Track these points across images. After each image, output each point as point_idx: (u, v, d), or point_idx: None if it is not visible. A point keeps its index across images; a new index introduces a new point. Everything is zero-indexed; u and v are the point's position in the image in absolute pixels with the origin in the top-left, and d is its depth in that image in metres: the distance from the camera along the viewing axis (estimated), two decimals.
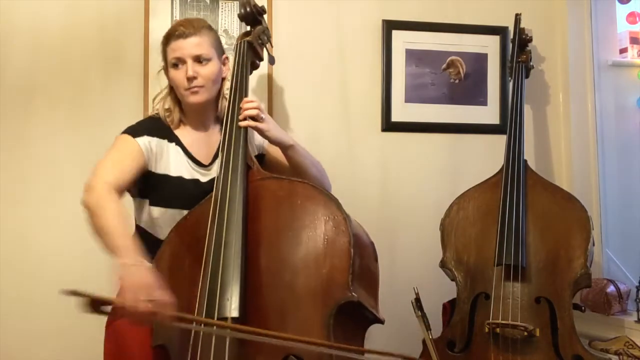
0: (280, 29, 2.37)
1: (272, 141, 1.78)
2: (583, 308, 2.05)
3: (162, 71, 1.81)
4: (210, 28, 1.78)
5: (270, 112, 2.31)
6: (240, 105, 1.70)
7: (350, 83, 2.47)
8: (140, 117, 2.22)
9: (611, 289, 2.32)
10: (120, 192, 1.59)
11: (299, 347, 1.36)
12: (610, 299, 2.30)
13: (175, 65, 1.72)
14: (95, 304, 1.24)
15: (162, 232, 1.71)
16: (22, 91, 2.22)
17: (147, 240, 1.75)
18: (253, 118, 1.70)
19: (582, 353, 1.91)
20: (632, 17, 2.68)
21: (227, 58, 1.83)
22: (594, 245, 2.03)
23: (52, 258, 2.21)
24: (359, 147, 2.46)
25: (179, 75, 1.72)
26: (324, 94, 2.44)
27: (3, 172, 2.20)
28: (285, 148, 1.80)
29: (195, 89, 1.71)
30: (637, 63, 2.65)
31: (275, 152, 1.87)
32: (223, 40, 2.31)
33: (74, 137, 2.25)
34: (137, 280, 1.32)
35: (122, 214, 1.49)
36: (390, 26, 2.47)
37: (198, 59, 1.71)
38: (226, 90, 1.81)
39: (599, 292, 2.32)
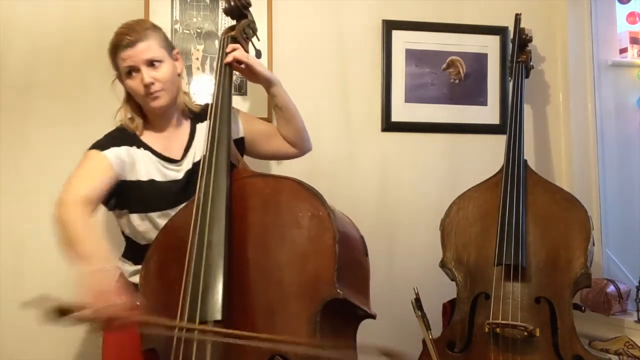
0: (280, 29, 2.37)
1: (261, 78, 1.80)
2: (583, 308, 2.05)
3: (117, 80, 1.79)
4: (154, 28, 1.74)
5: (269, 113, 2.31)
6: (227, 51, 1.74)
7: (350, 83, 2.47)
8: None
9: (611, 289, 2.32)
10: (91, 205, 1.59)
11: (280, 347, 1.35)
12: (610, 299, 2.30)
13: (129, 74, 1.70)
14: (58, 312, 1.26)
15: (147, 237, 1.72)
16: (22, 91, 2.22)
17: (136, 248, 1.76)
18: (238, 60, 1.74)
19: (582, 353, 1.91)
20: (632, 17, 2.68)
21: (178, 53, 1.82)
22: (594, 245, 2.02)
23: (52, 257, 2.20)
24: (359, 147, 2.47)
25: (135, 83, 1.70)
26: (324, 94, 2.44)
27: (2, 171, 2.20)
28: (271, 84, 1.82)
29: (156, 94, 1.70)
30: (637, 63, 2.65)
31: (254, 129, 1.89)
32: None
33: (73, 137, 2.24)
34: (97, 287, 1.34)
35: (92, 225, 1.51)
36: (390, 26, 2.48)
37: (151, 63, 1.69)
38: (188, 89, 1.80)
39: (599, 292, 2.32)
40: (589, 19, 2.61)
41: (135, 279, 1.73)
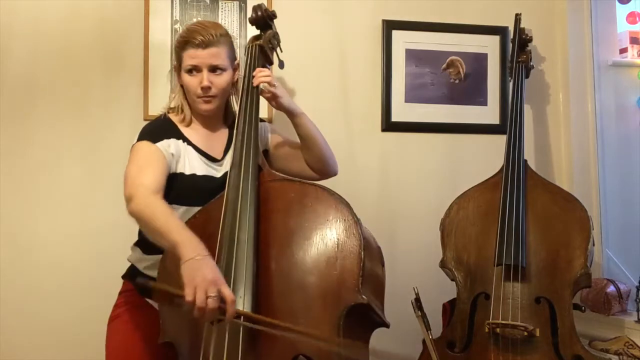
0: (280, 29, 2.34)
1: (284, 108, 1.81)
2: (583, 308, 2.05)
3: (173, 70, 1.82)
4: (227, 35, 1.78)
5: (270, 113, 2.32)
6: (253, 74, 1.75)
7: (350, 83, 2.47)
8: (141, 116, 2.24)
9: (611, 289, 2.32)
10: (160, 194, 1.59)
11: (311, 343, 1.38)
12: (610, 299, 2.30)
13: (190, 71, 1.73)
14: (166, 297, 1.30)
15: None
16: (23, 92, 2.22)
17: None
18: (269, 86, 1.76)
19: (582, 353, 1.91)
20: (632, 17, 2.68)
21: (238, 64, 1.84)
22: (594, 245, 2.02)
23: (54, 258, 2.21)
24: (359, 147, 2.47)
25: (193, 81, 1.73)
26: (324, 94, 2.44)
27: (4, 172, 2.20)
28: (294, 116, 1.83)
29: (208, 99, 1.74)
30: (637, 63, 2.65)
31: (279, 146, 1.90)
32: None
33: (74, 137, 2.25)
34: (203, 275, 1.32)
35: (170, 211, 1.50)
36: (390, 26, 2.48)
37: (214, 69, 1.73)
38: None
39: (599, 292, 2.32)
40: (589, 19, 2.61)
41: (147, 270, 1.73)
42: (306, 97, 2.41)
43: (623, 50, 2.65)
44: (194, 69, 1.72)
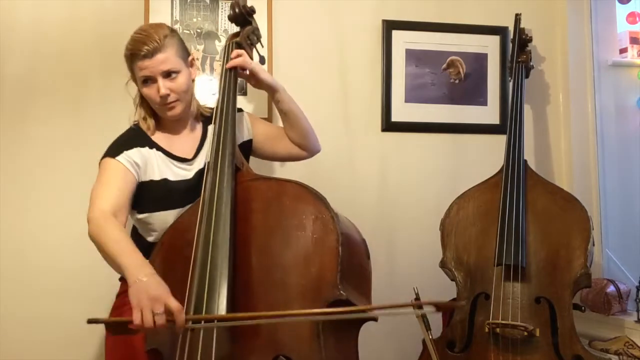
0: (280, 29, 2.37)
1: (264, 85, 1.82)
2: (583, 308, 2.05)
3: (131, 81, 1.77)
4: (171, 34, 1.71)
5: (270, 113, 2.32)
6: (231, 56, 1.77)
7: (350, 83, 2.47)
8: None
9: (611, 289, 2.32)
10: (119, 214, 1.59)
11: (292, 343, 1.37)
12: (610, 299, 2.30)
13: (145, 82, 1.70)
14: (116, 328, 1.37)
15: (156, 236, 1.72)
16: (23, 91, 2.22)
17: (143, 246, 1.75)
18: (242, 67, 1.78)
19: (582, 353, 1.91)
20: (632, 17, 2.68)
21: (193, 59, 1.81)
22: (594, 245, 2.02)
23: (51, 258, 2.21)
24: (359, 147, 2.47)
25: (151, 92, 1.70)
26: (324, 94, 2.44)
27: (3, 171, 2.20)
28: (275, 91, 1.84)
29: (172, 105, 1.71)
30: (637, 63, 2.65)
31: (262, 132, 1.91)
32: (222, 40, 2.32)
33: (73, 137, 2.25)
34: (147, 294, 1.34)
35: (121, 236, 1.51)
36: (390, 26, 2.48)
37: (167, 75, 1.68)
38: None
39: (599, 292, 2.32)
40: (589, 19, 2.61)
41: None
42: (306, 97, 2.39)
43: (623, 50, 2.65)
44: (148, 80, 1.68)
